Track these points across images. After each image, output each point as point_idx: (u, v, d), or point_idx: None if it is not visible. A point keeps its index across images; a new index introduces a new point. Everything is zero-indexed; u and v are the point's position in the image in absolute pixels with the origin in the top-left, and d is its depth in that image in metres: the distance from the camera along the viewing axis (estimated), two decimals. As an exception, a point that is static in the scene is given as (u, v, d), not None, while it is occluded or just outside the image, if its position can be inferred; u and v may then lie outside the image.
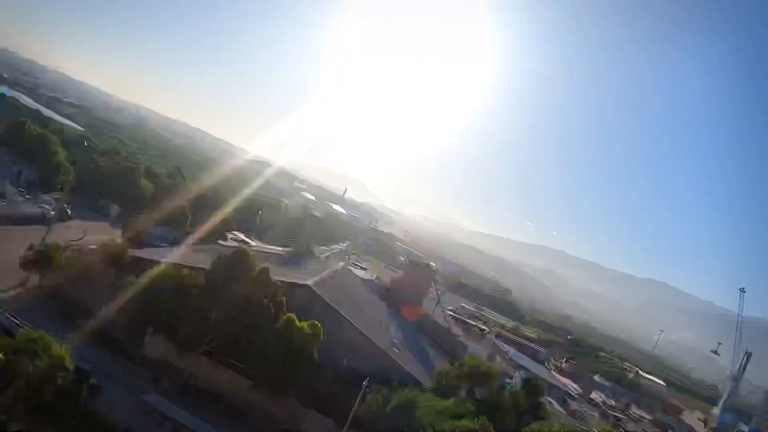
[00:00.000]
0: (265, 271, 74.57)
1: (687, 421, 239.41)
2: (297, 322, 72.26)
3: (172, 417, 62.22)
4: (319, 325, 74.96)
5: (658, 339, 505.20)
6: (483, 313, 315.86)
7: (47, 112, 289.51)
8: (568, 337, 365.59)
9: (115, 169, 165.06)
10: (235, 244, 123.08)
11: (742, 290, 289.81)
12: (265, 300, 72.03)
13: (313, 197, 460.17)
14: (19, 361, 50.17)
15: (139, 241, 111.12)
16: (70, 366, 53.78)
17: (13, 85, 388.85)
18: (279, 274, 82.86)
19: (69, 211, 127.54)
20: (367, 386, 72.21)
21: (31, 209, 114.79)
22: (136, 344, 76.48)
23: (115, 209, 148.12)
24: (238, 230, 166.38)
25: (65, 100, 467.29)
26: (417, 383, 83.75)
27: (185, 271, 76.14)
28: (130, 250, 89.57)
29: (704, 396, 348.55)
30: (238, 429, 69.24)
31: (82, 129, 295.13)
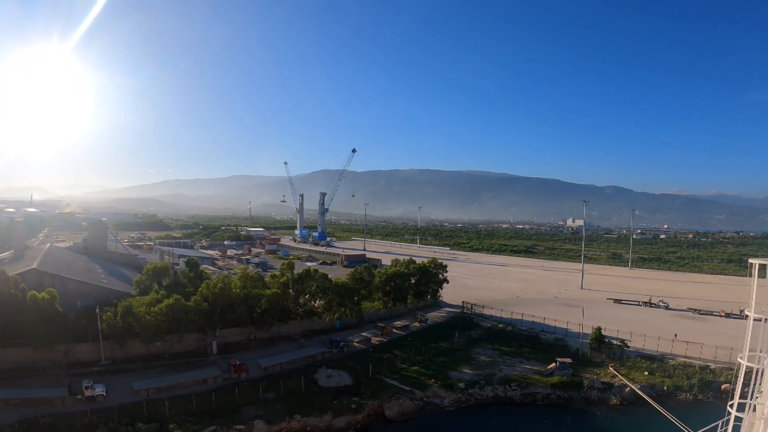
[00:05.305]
0: (3, 272, 71.09)
1: (282, 242, 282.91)
2: (38, 295, 71.02)
3: None
4: (53, 290, 74.13)
5: (250, 207, 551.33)
6: (146, 233, 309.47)
7: None
8: (200, 227, 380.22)
9: None
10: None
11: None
12: (13, 291, 69.86)
13: (12, 209, 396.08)
14: None
15: None
16: None
17: None
18: (10, 270, 78.30)
19: None
20: (99, 311, 75.72)
21: None
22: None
23: None
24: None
25: None
26: (128, 294, 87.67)
27: None
28: None
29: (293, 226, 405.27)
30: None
31: None
